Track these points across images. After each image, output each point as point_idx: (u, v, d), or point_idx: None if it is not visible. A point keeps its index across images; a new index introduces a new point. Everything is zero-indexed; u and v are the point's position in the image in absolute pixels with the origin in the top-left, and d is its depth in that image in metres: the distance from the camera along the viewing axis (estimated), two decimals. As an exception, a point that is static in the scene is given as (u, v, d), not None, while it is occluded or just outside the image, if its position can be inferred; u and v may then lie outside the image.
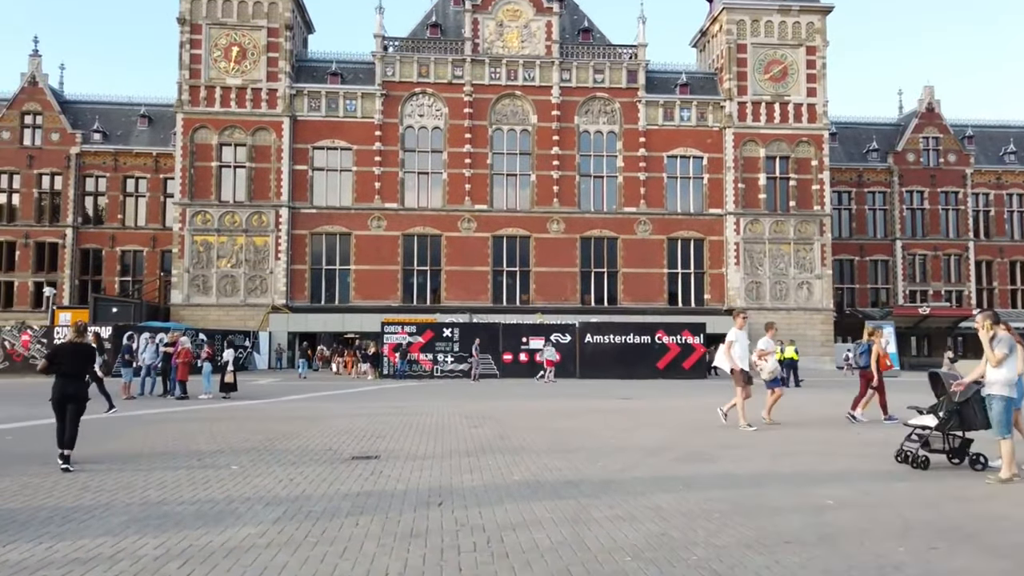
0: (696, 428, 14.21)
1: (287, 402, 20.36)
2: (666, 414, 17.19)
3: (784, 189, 49.31)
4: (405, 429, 13.74)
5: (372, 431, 13.46)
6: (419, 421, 15.16)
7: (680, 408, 18.99)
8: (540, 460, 10.21)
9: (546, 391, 25.81)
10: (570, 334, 35.11)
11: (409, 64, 47.43)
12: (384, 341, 34.47)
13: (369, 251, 46.78)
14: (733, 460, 10.26)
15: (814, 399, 22.39)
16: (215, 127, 45.95)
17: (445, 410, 17.76)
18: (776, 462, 10.14)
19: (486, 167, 47.63)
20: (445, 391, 25.48)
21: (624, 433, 13.35)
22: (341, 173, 47.20)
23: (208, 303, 45.37)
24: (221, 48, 46.16)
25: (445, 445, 11.74)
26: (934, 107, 56.74)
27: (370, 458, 10.40)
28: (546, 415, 16.61)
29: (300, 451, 11.08)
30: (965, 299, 55.77)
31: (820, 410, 18.57)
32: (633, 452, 10.96)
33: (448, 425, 14.50)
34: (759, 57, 49.18)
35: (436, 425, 14.45)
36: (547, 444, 11.83)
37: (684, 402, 21.02)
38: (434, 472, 9.31)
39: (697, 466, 9.84)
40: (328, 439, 12.38)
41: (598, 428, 14.12)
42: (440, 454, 10.80)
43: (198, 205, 45.64)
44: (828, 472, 9.35)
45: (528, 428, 14.02)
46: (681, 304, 48.42)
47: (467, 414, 16.71)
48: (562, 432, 13.44)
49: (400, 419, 15.50)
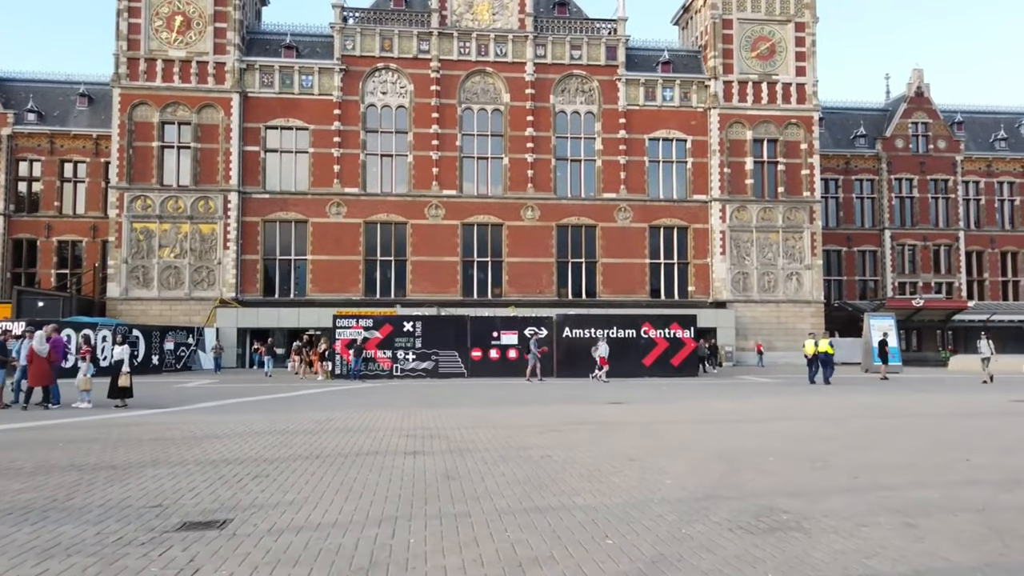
0: (730, 454, 9.71)
1: (188, 413, 15.60)
2: (677, 428, 12.69)
3: (772, 174, 45.17)
4: (307, 460, 9.13)
5: (257, 463, 8.84)
6: (337, 444, 10.53)
7: (689, 418, 14.50)
8: (505, 535, 5.66)
9: (519, 395, 21.25)
10: (546, 328, 30.61)
11: (371, 37, 42.59)
12: (336, 337, 29.68)
13: (327, 240, 41.89)
14: (837, 519, 5.78)
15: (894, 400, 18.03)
16: (156, 104, 40.80)
17: (385, 423, 13.15)
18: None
19: (455, 149, 42.95)
20: (399, 395, 20.85)
21: (634, 464, 8.85)
22: (296, 155, 42.23)
23: (149, 297, 40.24)
24: (163, 17, 41.02)
25: (350, 495, 7.14)
26: (923, 91, 52.99)
27: (210, 526, 5.80)
28: (518, 432, 12.05)
29: (105, 508, 6.46)
30: (956, 291, 52.13)
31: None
32: (665, 510, 6.45)
33: (376, 450, 9.91)
34: (746, 34, 44.99)
35: (358, 451, 9.85)
36: (518, 492, 7.28)
37: (687, 408, 16.58)
38: (300, 572, 4.72)
39: (786, 543, 5.33)
40: (174, 481, 7.74)
41: (593, 455, 9.60)
42: (331, 520, 6.21)
43: (137, 189, 40.48)
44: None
45: (491, 456, 9.47)
46: (664, 296, 44.10)
47: (411, 430, 12.11)
48: (541, 465, 8.89)
49: (314, 441, 10.86)
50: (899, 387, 24.08)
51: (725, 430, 12.28)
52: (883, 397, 19.94)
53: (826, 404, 17.58)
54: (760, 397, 20.05)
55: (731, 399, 19.32)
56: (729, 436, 11.44)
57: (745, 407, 16.96)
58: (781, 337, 44.18)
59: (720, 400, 18.91)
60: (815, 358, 24.94)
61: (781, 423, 13.43)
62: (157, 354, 35.86)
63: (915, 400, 19.02)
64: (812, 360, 25.19)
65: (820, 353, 24.63)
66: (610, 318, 32.00)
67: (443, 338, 30.05)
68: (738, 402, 18.43)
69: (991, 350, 27.78)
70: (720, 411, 15.88)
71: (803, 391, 22.23)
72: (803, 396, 20.21)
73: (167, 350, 36.80)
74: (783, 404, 17.73)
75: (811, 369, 25.21)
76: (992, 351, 27.85)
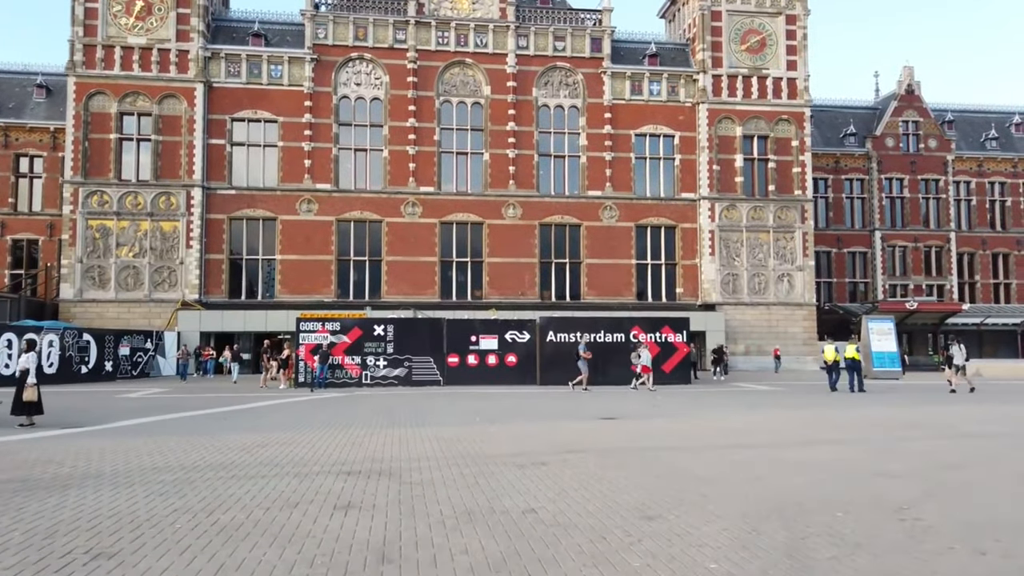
0: (779, 504, 6.94)
1: (96, 435, 12.64)
2: (692, 459, 9.91)
3: (763, 172, 42.73)
4: (186, 523, 6.24)
5: (109, 530, 5.97)
6: (246, 492, 7.64)
7: (702, 441, 11.74)
8: None
9: (498, 407, 18.44)
10: (529, 332, 27.83)
11: (344, 25, 39.66)
12: (300, 342, 26.71)
13: (298, 239, 38.88)
14: None
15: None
16: (114, 93, 37.64)
17: (328, 453, 10.30)
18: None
19: (433, 144, 40.11)
20: (362, 408, 17.98)
21: (654, 527, 6.06)
22: (265, 149, 39.20)
23: (105, 298, 37.03)
24: (122, 2, 37.86)
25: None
26: (914, 89, 50.84)
27: None
28: (493, 466, 9.24)
29: None
30: (947, 293, 49.97)
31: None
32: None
33: (297, 500, 7.05)
34: (735, 26, 42.54)
35: (269, 503, 6.98)
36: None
37: (694, 426, 13.86)
38: None
39: None
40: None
41: (594, 510, 6.79)
42: None
43: (94, 184, 37.29)
44: None
45: (453, 511, 6.65)
46: (651, 299, 41.47)
47: (357, 464, 9.27)
48: (522, 530, 6.07)
49: (215, 486, 7.98)
50: (918, 396, 21.53)
51: (754, 461, 9.55)
52: (914, 410, 17.35)
53: (855, 420, 14.93)
54: (774, 410, 17.38)
55: (740, 412, 16.64)
56: (764, 471, 8.71)
57: (761, 424, 14.27)
58: (772, 341, 41.67)
59: (728, 414, 16.21)
60: (835, 364, 22.40)
61: (819, 449, 10.73)
62: (111, 360, 32.75)
63: (951, 413, 16.42)
64: (833, 366, 22.64)
65: (847, 359, 22.06)
66: (597, 321, 29.27)
67: (417, 343, 27.20)
68: (749, 416, 15.74)
69: (964, 356, 24.20)
70: (734, 430, 13.18)
71: (818, 402, 19.60)
72: (822, 408, 17.56)
73: (122, 356, 33.68)
74: (805, 420, 15.06)
75: (831, 376, 22.63)
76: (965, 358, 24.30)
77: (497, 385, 26.44)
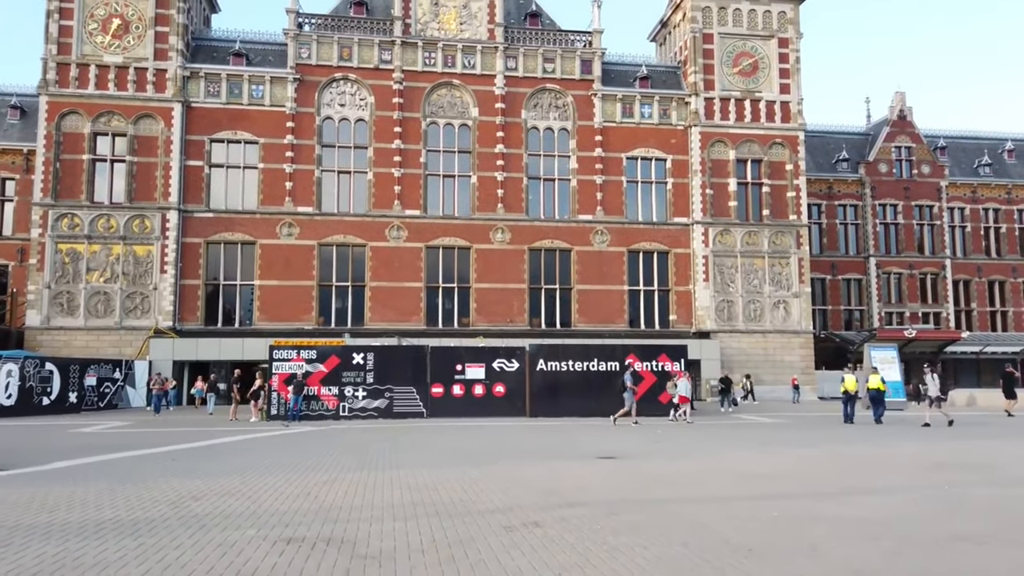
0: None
1: (4, 483, 10.63)
2: (715, 514, 7.99)
3: (757, 196, 41.27)
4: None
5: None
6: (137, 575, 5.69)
7: (722, 491, 9.83)
8: None
9: (484, 444, 16.50)
10: (518, 360, 25.93)
11: (328, 45, 38.15)
12: (273, 371, 24.67)
13: (277, 263, 36.94)
14: None
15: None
16: (88, 113, 35.84)
17: (272, 506, 8.34)
18: None
19: (419, 166, 38.45)
20: (332, 445, 15.99)
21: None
22: (245, 171, 37.40)
23: (74, 326, 34.87)
24: (98, 20, 36.24)
25: None
26: (906, 115, 49.80)
27: None
28: (473, 527, 7.31)
29: None
30: (944, 321, 48.46)
31: None
32: None
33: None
34: (727, 49, 41.35)
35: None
36: None
37: (708, 468, 11.94)
38: None
39: None
40: None
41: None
42: None
43: (64, 206, 35.31)
44: None
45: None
46: (644, 326, 39.67)
47: (303, 525, 7.32)
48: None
49: (99, 567, 6.02)
50: (934, 429, 19.71)
51: (796, 518, 7.68)
52: (939, 446, 15.53)
53: (886, 459, 13.09)
54: (791, 448, 15.50)
55: (753, 450, 14.76)
56: (817, 536, 6.84)
57: (785, 466, 12.39)
58: (768, 370, 39.91)
59: (740, 453, 14.32)
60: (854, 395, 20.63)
61: (866, 501, 8.86)
62: (75, 391, 30.53)
63: (983, 449, 14.62)
64: (851, 397, 20.86)
65: (871, 390, 20.28)
66: (589, 348, 27.42)
67: (399, 372, 25.23)
68: (766, 456, 13.87)
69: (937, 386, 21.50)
70: (756, 475, 11.29)
71: (834, 436, 17.76)
72: (842, 445, 15.71)
73: (88, 386, 31.46)
74: (831, 460, 13.21)
75: (846, 408, 20.83)
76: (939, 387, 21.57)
77: (484, 417, 24.49)
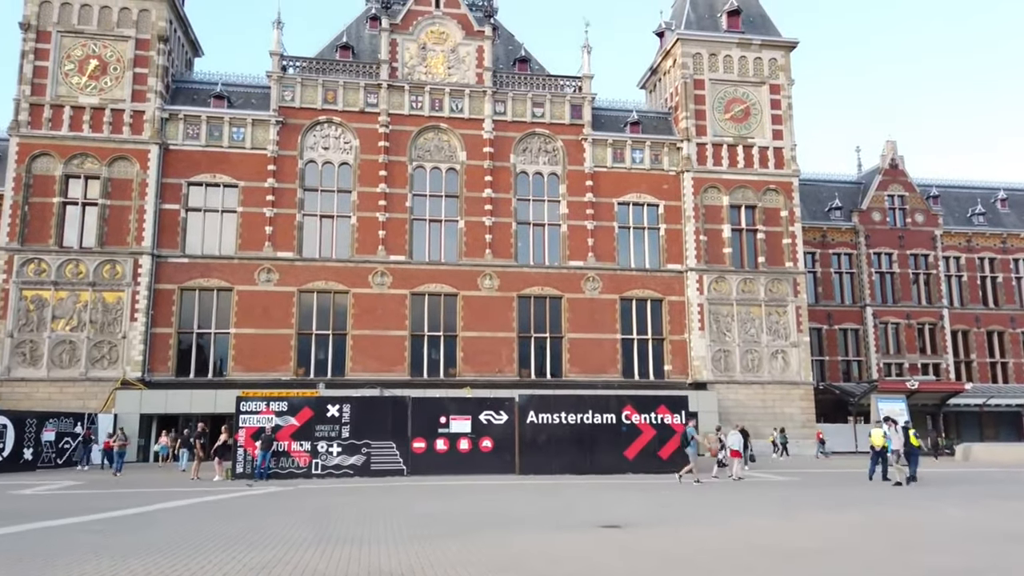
0: None
1: None
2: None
3: (751, 243, 39.77)
4: None
5: None
6: None
7: (781, 574, 7.77)
8: None
9: (468, 511, 14.33)
10: (506, 412, 23.80)
11: (312, 88, 36.85)
12: (240, 424, 22.41)
13: (255, 311, 34.87)
14: None
15: None
16: (61, 155, 34.12)
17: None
18: None
19: (405, 211, 36.81)
20: (293, 511, 13.78)
21: None
22: (223, 215, 35.61)
23: (36, 377, 32.49)
24: (75, 60, 34.84)
25: None
26: (897, 163, 48.91)
27: None
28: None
29: None
30: (943, 372, 46.64)
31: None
32: None
33: None
34: (718, 95, 40.37)
35: None
36: None
37: (738, 541, 9.86)
38: None
39: None
40: None
41: None
42: None
43: (31, 251, 33.30)
44: None
45: None
46: (638, 376, 37.62)
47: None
48: None
49: None
50: (969, 487, 17.66)
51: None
52: (993, 510, 13.50)
53: (941, 527, 11.05)
54: (820, 512, 13.42)
55: (778, 516, 12.68)
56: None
57: (829, 537, 10.32)
58: (768, 423, 37.77)
59: (767, 520, 12.23)
60: (883, 451, 18.61)
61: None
62: (31, 447, 28.06)
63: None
64: (880, 452, 18.84)
65: (906, 444, 18.27)
66: (583, 400, 25.32)
67: (377, 425, 23.02)
68: (798, 522, 11.80)
69: (901, 440, 18.98)
70: (800, 550, 9.22)
71: (864, 497, 15.71)
72: (880, 508, 13.66)
73: (46, 442, 28.98)
74: (875, 527, 11.15)
75: (873, 464, 18.79)
76: (902, 441, 18.97)
77: (470, 474, 22.25)
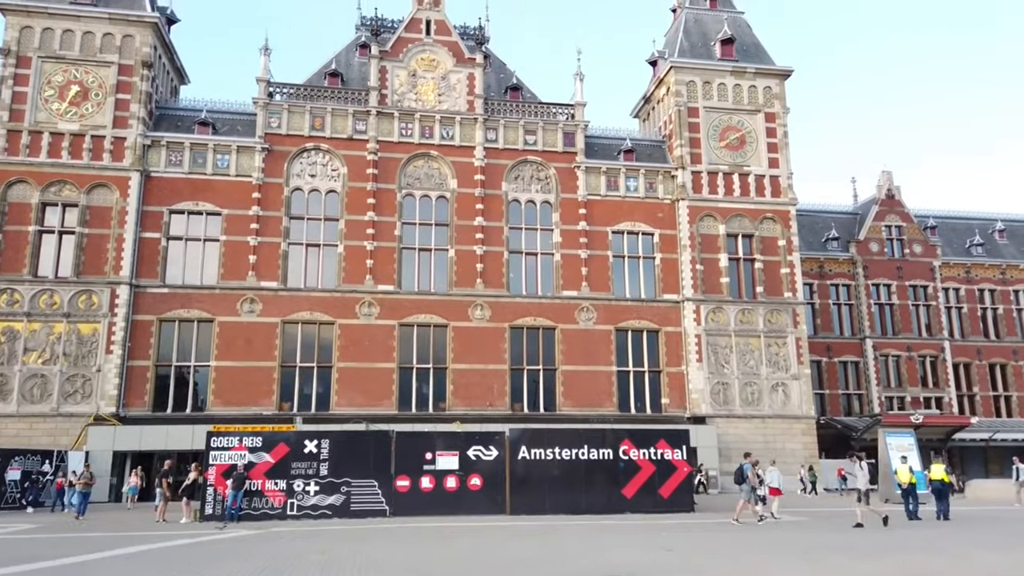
0: None
1: None
2: None
3: (749, 272, 38.55)
4: None
5: None
6: None
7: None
8: None
9: (458, 558, 12.74)
10: (496, 447, 22.20)
11: (300, 114, 35.83)
12: (210, 462, 20.75)
13: (236, 343, 33.32)
14: None
15: None
16: (38, 182, 32.85)
17: None
18: None
19: (393, 239, 35.54)
20: (254, 560, 12.17)
21: None
22: (205, 244, 34.26)
23: (4, 412, 30.71)
24: (55, 86, 33.78)
25: None
26: (894, 193, 48.10)
27: None
28: None
29: None
30: (946, 406, 45.18)
31: None
32: None
33: None
34: (713, 123, 39.52)
35: None
36: None
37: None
38: None
39: None
40: None
41: None
42: None
43: (4, 281, 31.77)
44: None
45: None
46: (635, 410, 36.06)
47: None
48: None
49: None
50: (1004, 527, 16.15)
51: None
52: None
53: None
54: (847, 559, 11.88)
55: (801, 563, 11.14)
56: None
57: None
58: (769, 459, 35.95)
59: (788, 568, 10.70)
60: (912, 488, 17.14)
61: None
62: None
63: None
64: (909, 490, 17.38)
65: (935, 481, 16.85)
66: (578, 434, 23.74)
67: (358, 461, 21.38)
68: (825, 570, 10.27)
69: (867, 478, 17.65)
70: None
71: (891, 541, 14.17)
72: (912, 554, 12.16)
73: (10, 481, 27.22)
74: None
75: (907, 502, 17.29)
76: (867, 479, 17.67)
77: (457, 515, 20.58)
